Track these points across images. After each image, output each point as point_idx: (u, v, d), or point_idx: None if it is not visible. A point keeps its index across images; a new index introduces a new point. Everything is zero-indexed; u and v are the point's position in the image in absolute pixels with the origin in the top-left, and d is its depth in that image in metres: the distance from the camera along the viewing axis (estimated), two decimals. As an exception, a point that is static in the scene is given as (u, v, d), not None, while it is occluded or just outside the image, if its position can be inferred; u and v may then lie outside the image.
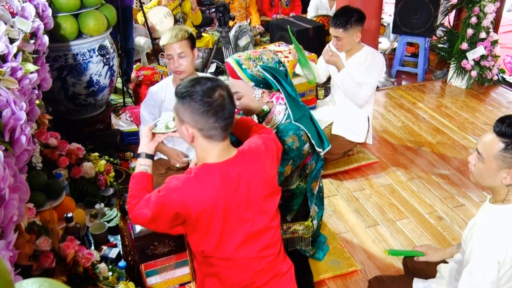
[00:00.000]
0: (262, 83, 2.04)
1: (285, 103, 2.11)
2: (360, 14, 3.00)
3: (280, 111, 2.12)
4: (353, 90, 3.07)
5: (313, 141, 2.12)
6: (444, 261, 1.90)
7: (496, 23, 4.62)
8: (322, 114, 3.39)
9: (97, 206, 2.17)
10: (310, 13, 5.30)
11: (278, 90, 2.08)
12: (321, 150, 2.19)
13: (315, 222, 2.39)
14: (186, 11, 5.05)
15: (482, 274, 1.48)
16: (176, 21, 4.88)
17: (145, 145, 1.72)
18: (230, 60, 2.06)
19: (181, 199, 1.47)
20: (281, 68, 2.08)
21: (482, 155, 1.52)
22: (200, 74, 2.56)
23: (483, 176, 1.55)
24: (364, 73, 3.07)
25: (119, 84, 4.25)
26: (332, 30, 3.02)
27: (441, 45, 5.03)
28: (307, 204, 2.33)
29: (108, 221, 2.14)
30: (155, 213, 1.49)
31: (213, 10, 5.76)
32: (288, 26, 3.38)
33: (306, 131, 2.10)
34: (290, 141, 2.06)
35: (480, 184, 1.61)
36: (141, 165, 1.70)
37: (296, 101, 2.13)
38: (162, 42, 2.46)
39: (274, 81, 2.03)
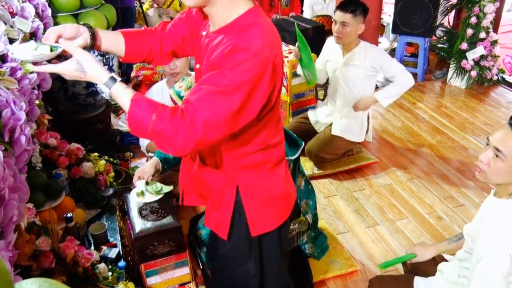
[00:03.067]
0: None
1: None
2: (366, 7, 3.03)
3: None
4: (398, 91, 3.10)
5: None
6: (445, 260, 1.90)
7: (495, 23, 4.62)
8: (321, 115, 3.38)
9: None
10: (306, 11, 5.29)
11: None
12: (290, 157, 2.17)
13: (308, 216, 2.39)
14: (184, 9, 5.04)
15: (494, 268, 1.48)
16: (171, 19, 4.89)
17: (102, 69, 1.26)
18: (171, 91, 1.98)
19: (271, 51, 1.17)
20: None
21: (503, 153, 1.48)
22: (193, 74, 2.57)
23: (501, 175, 1.52)
24: (385, 67, 3.06)
25: (118, 84, 4.25)
26: (339, 15, 2.98)
27: (441, 45, 5.03)
28: (295, 202, 2.34)
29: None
30: (244, 93, 1.15)
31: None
32: (295, 25, 3.38)
33: None
34: None
35: (491, 183, 1.58)
36: (126, 89, 1.24)
37: None
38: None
39: None
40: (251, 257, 1.58)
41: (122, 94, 1.23)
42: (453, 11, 4.98)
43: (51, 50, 1.26)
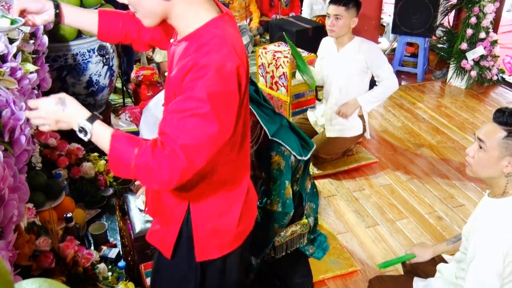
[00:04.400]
0: None
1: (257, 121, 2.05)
2: (358, 1, 3.03)
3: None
4: (382, 96, 3.13)
5: (293, 153, 2.12)
6: (444, 261, 1.90)
7: (495, 23, 4.62)
8: (318, 115, 3.37)
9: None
10: (305, 11, 5.28)
11: None
12: (303, 157, 2.17)
13: (310, 219, 2.39)
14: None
15: (487, 267, 1.49)
16: None
17: (81, 108, 1.22)
18: None
19: (233, 63, 1.13)
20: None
21: (485, 143, 1.53)
22: None
23: (484, 166, 1.56)
24: (375, 64, 3.06)
25: (118, 84, 4.25)
26: (332, 9, 2.98)
27: (441, 45, 5.03)
28: (301, 204, 2.33)
29: None
30: (216, 111, 1.10)
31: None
32: (283, 33, 3.36)
33: (285, 145, 2.09)
34: (276, 163, 2.04)
35: (478, 176, 1.62)
36: (106, 129, 1.17)
37: (270, 112, 2.09)
38: (161, 60, 2.42)
39: None
40: (190, 280, 1.45)
41: (102, 132, 1.16)
42: (453, 11, 4.98)
43: (12, 23, 1.30)
